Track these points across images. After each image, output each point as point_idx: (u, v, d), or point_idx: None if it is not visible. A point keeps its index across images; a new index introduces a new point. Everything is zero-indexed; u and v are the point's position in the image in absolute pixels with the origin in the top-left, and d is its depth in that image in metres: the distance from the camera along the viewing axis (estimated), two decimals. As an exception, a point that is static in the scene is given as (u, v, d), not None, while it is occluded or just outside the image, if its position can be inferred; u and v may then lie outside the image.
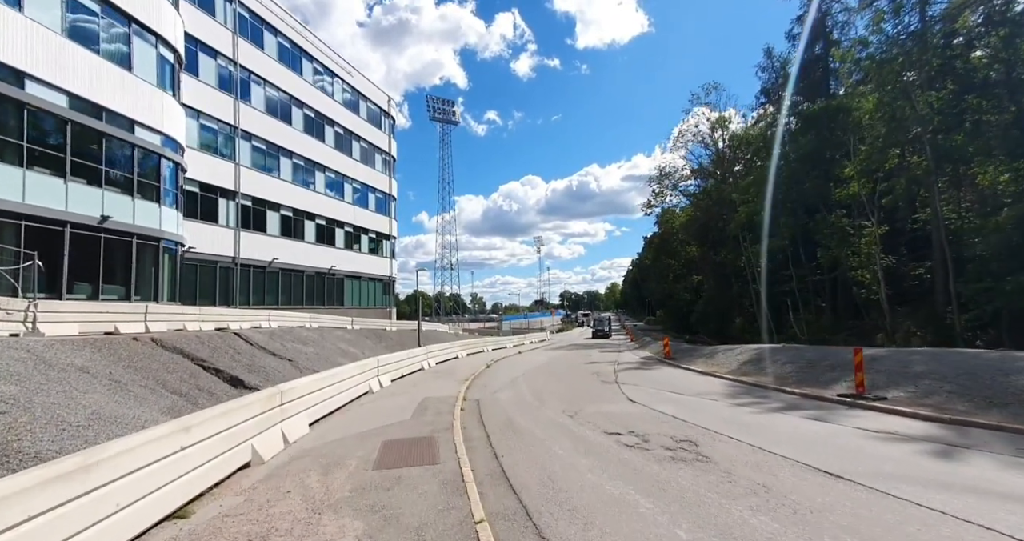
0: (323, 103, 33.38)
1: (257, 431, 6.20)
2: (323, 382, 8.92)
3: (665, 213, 58.87)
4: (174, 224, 20.18)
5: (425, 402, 10.52)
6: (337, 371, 9.91)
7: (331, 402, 9.28)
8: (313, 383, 8.50)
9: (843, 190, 27.49)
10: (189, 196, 24.44)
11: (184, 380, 11.82)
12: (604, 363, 19.76)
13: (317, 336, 23.74)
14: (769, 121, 33.69)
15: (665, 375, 14.71)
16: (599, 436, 7.13)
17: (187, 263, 24.15)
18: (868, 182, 24.57)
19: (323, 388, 8.85)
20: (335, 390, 9.50)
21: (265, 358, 17.01)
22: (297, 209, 31.18)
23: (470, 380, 14.82)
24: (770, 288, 32.30)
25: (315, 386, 8.53)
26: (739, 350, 16.53)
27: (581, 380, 14.20)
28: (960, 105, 20.97)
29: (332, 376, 9.46)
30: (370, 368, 12.42)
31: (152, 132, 18.81)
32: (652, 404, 9.62)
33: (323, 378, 9.00)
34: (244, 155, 27.62)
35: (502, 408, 9.97)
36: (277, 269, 29.55)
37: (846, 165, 27.92)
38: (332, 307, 33.40)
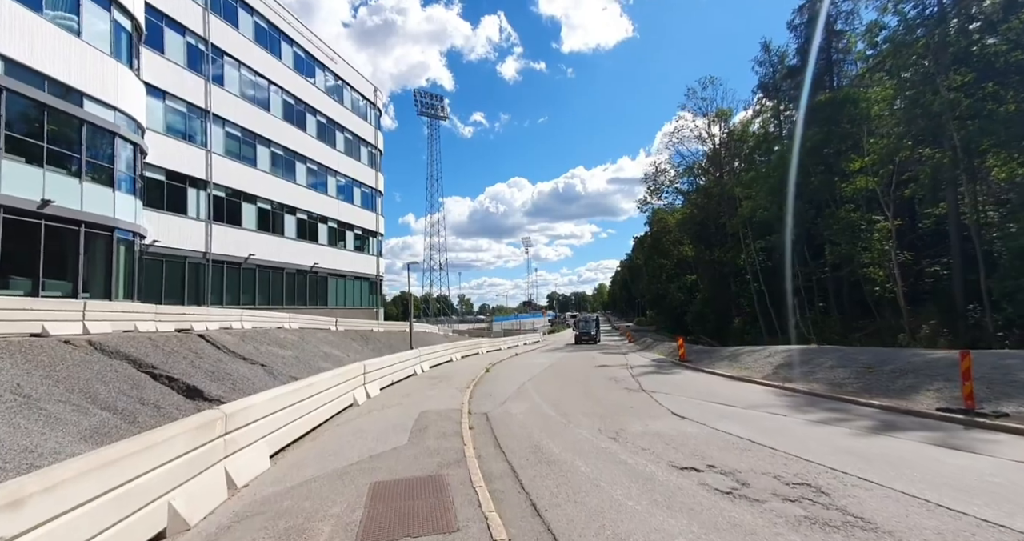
0: (304, 90, 30.98)
1: (182, 479, 4.06)
2: (292, 396, 6.77)
3: (656, 213, 57.62)
4: (131, 212, 17.69)
5: (423, 418, 8.42)
6: (313, 381, 7.75)
7: (304, 422, 7.12)
8: (277, 400, 6.34)
9: (851, 184, 26.10)
10: (153, 184, 21.93)
11: (123, 392, 9.52)
12: (615, 366, 17.82)
13: (297, 338, 21.40)
14: (771, 114, 32.28)
15: (693, 381, 12.80)
16: (670, 474, 5.13)
17: (151, 258, 21.63)
18: (885, 174, 23.11)
19: (292, 405, 6.68)
20: (310, 405, 7.35)
21: (233, 363, 14.70)
22: (276, 202, 28.71)
23: (471, 387, 12.73)
24: (772, 286, 30.84)
25: (280, 403, 6.38)
26: (766, 352, 14.75)
27: (600, 387, 12.21)
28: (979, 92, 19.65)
29: (307, 387, 7.31)
30: (355, 375, 10.27)
31: (104, 107, 16.36)
32: (708, 420, 7.66)
33: (293, 391, 6.84)
34: (217, 142, 25.13)
35: (520, 426, 7.91)
36: (254, 266, 27.06)
37: (854, 158, 26.61)
38: (315, 307, 30.94)
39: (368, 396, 10.87)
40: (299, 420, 6.92)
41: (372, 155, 38.55)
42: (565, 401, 10.14)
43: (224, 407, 5.15)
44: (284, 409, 6.44)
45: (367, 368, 11.11)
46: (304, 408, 7.09)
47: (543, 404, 9.92)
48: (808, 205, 27.68)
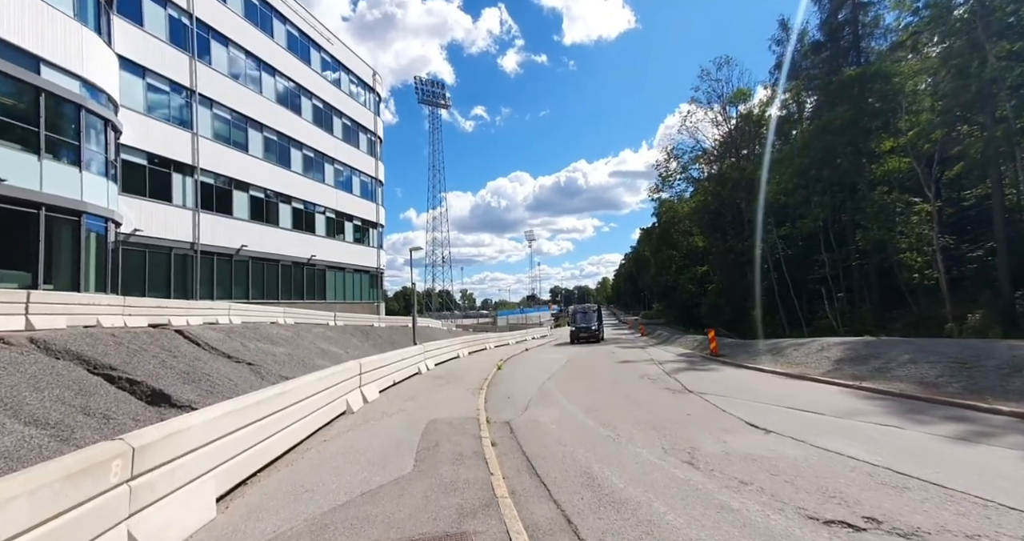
0: (298, 71, 29.03)
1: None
2: (255, 411, 4.95)
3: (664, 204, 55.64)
4: (103, 196, 15.88)
5: (432, 430, 6.64)
6: (290, 387, 5.93)
7: (275, 443, 5.33)
8: (229, 418, 4.52)
9: (882, 165, 24.19)
10: (133, 168, 20.10)
11: (63, 401, 7.75)
12: (640, 362, 16.02)
13: (291, 334, 19.64)
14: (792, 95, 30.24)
15: (741, 380, 10.97)
16: (816, 535, 3.35)
17: (132, 248, 19.84)
18: (927, 151, 21.20)
19: (255, 423, 4.87)
20: (284, 419, 5.54)
21: (215, 362, 12.93)
22: (270, 190, 26.86)
23: (485, 388, 10.94)
24: (795, 275, 29.00)
25: (235, 422, 4.57)
26: (815, 345, 12.93)
27: (636, 388, 10.40)
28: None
29: (279, 397, 5.50)
30: (348, 376, 8.48)
31: (67, 76, 14.50)
32: (804, 436, 5.83)
33: (257, 404, 5.02)
34: (204, 124, 23.25)
35: (557, 441, 6.13)
36: (246, 258, 25.26)
37: (885, 137, 24.70)
38: (312, 301, 29.19)
39: (365, 401, 9.09)
40: (267, 441, 5.13)
41: (371, 142, 36.63)
42: (602, 406, 8.34)
43: (133, 436, 3.34)
44: (242, 429, 4.65)
45: (364, 367, 9.32)
46: (274, 424, 5.29)
47: (576, 410, 8.13)
48: (836, 188, 25.82)
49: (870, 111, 24.71)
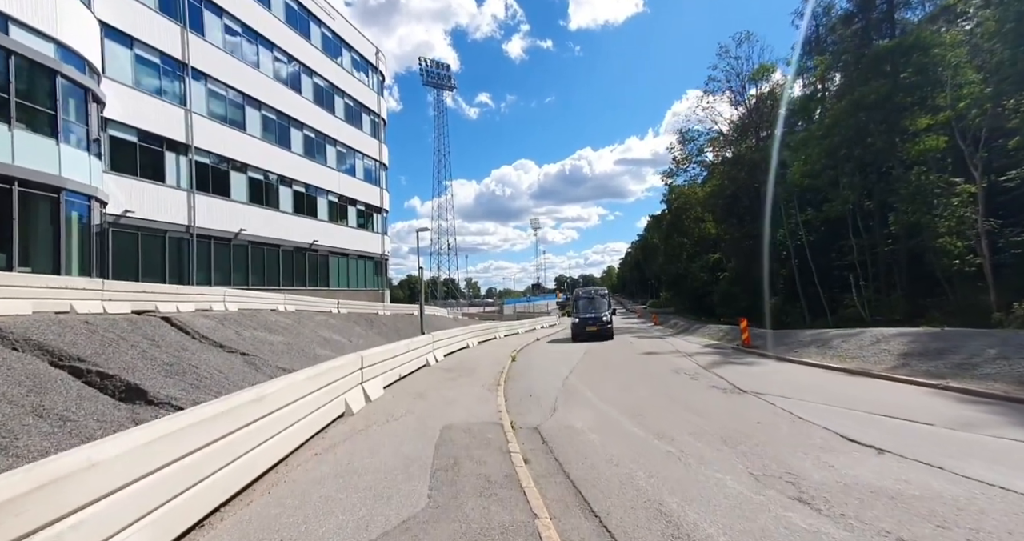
0: (298, 46, 27.42)
1: None
2: (206, 431, 3.56)
3: (674, 190, 53.79)
4: (85, 172, 14.55)
5: (448, 441, 5.35)
6: (267, 391, 4.55)
7: (242, 468, 3.98)
8: (163, 446, 3.15)
9: (918, 144, 22.43)
10: (123, 145, 18.79)
11: (9, 399, 6.50)
12: (666, 354, 14.69)
13: (292, 322, 18.44)
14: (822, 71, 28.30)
15: (796, 376, 9.49)
16: None
17: (123, 231, 18.61)
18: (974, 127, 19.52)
19: (205, 447, 3.50)
20: (253, 436, 4.04)
21: (204, 352, 11.71)
22: (269, 171, 25.48)
23: (502, 383, 9.64)
24: (819, 262, 27.46)
25: (172, 451, 3.21)
26: (868, 337, 11.53)
27: (676, 385, 9.04)
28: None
29: (252, 404, 4.09)
30: (348, 372, 7.18)
31: (40, 38, 13.08)
32: (933, 458, 4.40)
33: (209, 420, 3.63)
34: (198, 100, 21.82)
35: (607, 461, 4.81)
36: (245, 242, 24.00)
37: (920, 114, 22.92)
38: (315, 288, 27.98)
39: (368, 399, 7.81)
40: (233, 465, 3.81)
41: (375, 124, 35.06)
42: (645, 408, 7.02)
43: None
44: (196, 453, 3.34)
45: (366, 361, 8.02)
46: (245, 442, 3.97)
47: (615, 413, 6.82)
48: (869, 168, 24.12)
49: (907, 85, 22.91)
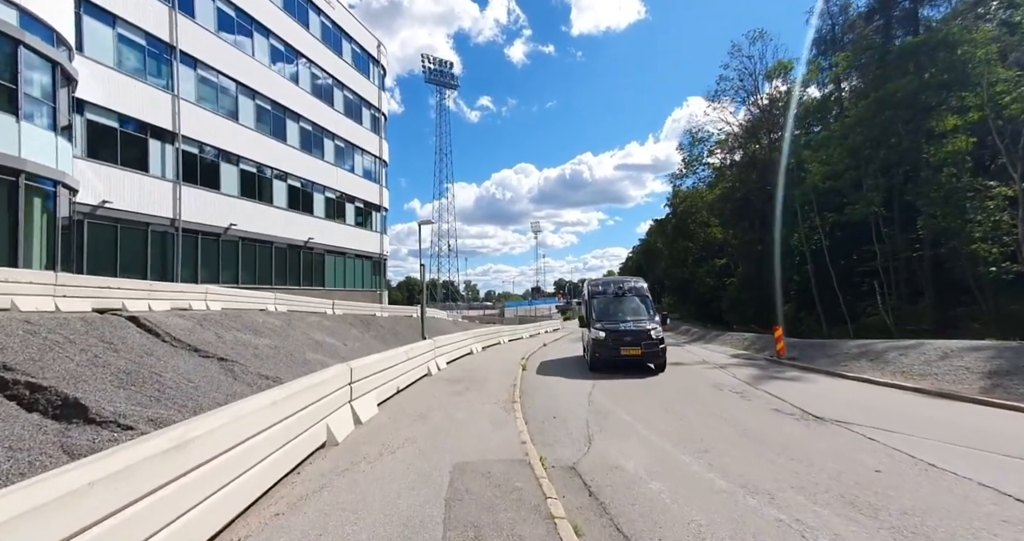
0: (295, 34, 26.01)
1: None
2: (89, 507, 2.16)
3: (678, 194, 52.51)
4: (51, 155, 13.04)
5: (462, 495, 3.87)
6: (193, 432, 2.89)
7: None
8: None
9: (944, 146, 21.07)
10: (101, 131, 17.32)
11: None
12: (694, 365, 13.19)
13: (281, 323, 16.91)
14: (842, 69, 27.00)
15: (867, 397, 7.81)
16: None
17: (100, 222, 17.11)
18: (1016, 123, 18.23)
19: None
20: (151, 515, 2.60)
21: (173, 358, 10.16)
22: (262, 164, 23.99)
23: (517, 400, 8.14)
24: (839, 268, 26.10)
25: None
26: (933, 351, 10.06)
27: (728, 407, 7.53)
28: None
29: (168, 454, 2.64)
30: (332, 390, 5.68)
31: (1, 2, 11.65)
32: None
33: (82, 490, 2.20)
34: (186, 86, 20.36)
35: (697, 536, 3.35)
36: (235, 238, 22.48)
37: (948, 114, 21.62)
38: (309, 288, 26.46)
39: (357, 421, 6.32)
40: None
41: (375, 119, 33.64)
42: (703, 438, 5.55)
43: None
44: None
45: (356, 373, 6.52)
46: (142, 522, 2.48)
47: (668, 446, 5.35)
48: (894, 169, 22.81)
49: (935, 84, 21.64)
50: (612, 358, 11.42)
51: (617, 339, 11.43)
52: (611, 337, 11.47)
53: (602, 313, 12.88)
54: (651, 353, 11.32)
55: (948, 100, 21.57)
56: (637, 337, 11.45)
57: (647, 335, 11.44)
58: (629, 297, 13.36)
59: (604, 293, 13.65)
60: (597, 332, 11.79)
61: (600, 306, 13.18)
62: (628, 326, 11.88)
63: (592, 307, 13.18)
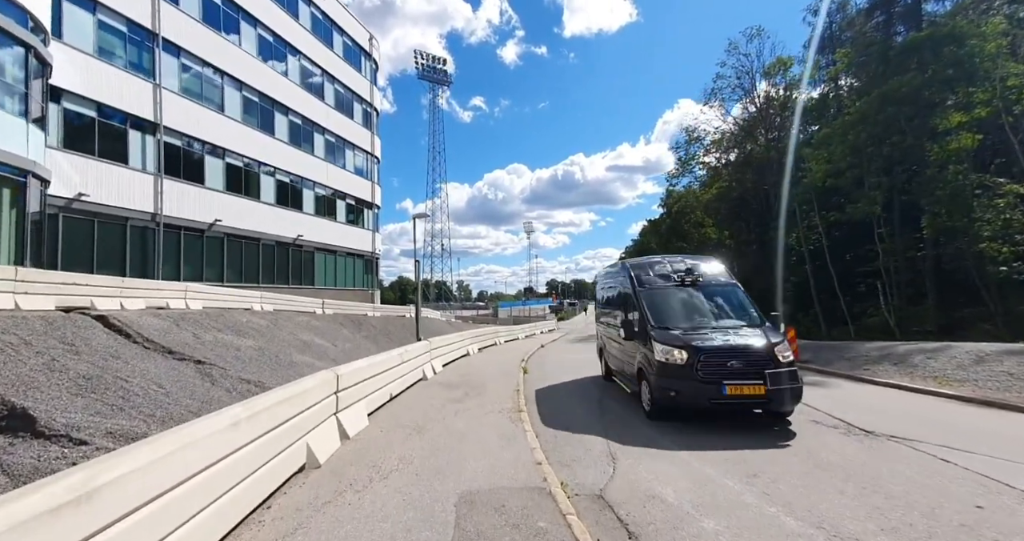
0: (284, 25, 24.99)
1: None
2: None
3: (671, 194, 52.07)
4: (21, 143, 12.03)
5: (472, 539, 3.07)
6: (92, 479, 1.90)
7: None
8: None
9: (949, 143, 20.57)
10: (78, 120, 16.35)
11: None
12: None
13: (267, 323, 15.97)
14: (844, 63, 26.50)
15: (906, 405, 6.88)
16: None
17: (75, 217, 16.09)
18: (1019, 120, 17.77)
19: None
20: None
21: (144, 361, 9.23)
22: (249, 158, 22.97)
23: (523, 408, 7.35)
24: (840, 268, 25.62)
25: None
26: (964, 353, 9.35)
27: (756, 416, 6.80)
28: None
29: (60, 511, 1.89)
30: (313, 402, 4.84)
31: (-42, -27, 10.64)
32: None
33: None
34: (169, 76, 19.32)
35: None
36: (221, 234, 21.44)
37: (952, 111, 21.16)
38: (298, 287, 25.46)
39: (344, 436, 5.47)
40: None
41: (367, 114, 32.67)
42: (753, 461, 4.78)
43: None
44: None
45: (344, 380, 5.68)
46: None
47: (708, 468, 4.58)
48: (897, 167, 22.33)
49: (940, 79, 21.15)
50: (705, 399, 6.22)
51: (715, 364, 6.29)
52: (701, 360, 6.31)
53: (664, 314, 7.45)
54: (780, 392, 6.09)
55: (954, 96, 21.14)
56: (752, 360, 6.26)
57: (770, 357, 6.28)
58: (708, 288, 7.99)
59: (660, 280, 8.14)
60: (666, 349, 6.56)
61: (658, 302, 7.69)
62: (731, 340, 6.66)
63: (642, 304, 7.64)
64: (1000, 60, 19.58)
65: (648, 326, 7.18)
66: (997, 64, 19.66)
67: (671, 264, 8.75)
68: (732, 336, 6.75)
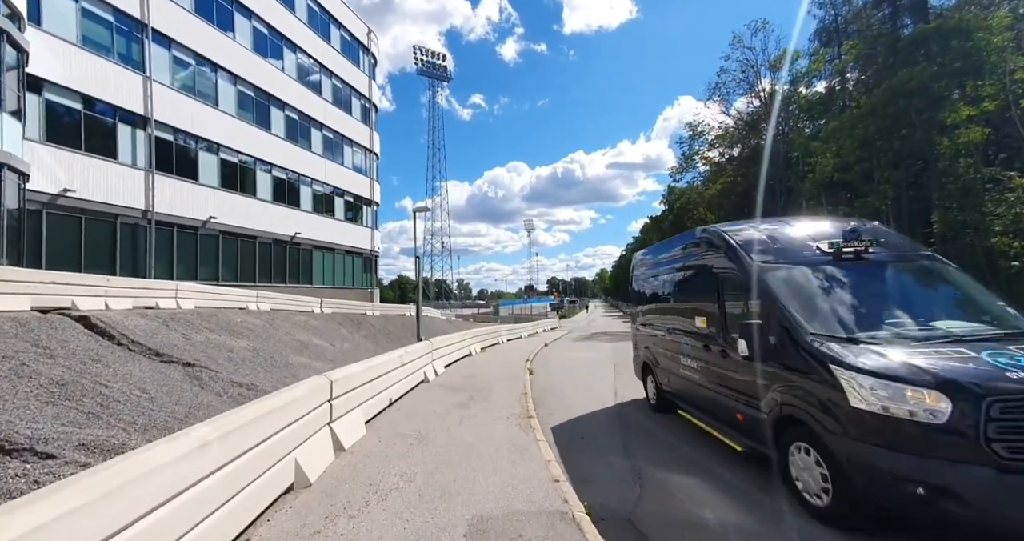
0: (280, 17, 24.33)
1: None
2: None
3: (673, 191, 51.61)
4: (-3, 133, 11.46)
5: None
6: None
7: None
8: None
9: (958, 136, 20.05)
10: (63, 113, 15.73)
11: None
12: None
13: (263, 323, 15.42)
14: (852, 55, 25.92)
15: None
16: None
17: (60, 214, 15.49)
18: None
19: None
20: None
21: (127, 364, 8.66)
22: (245, 154, 22.36)
23: (533, 414, 6.81)
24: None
25: None
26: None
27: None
28: None
29: None
30: (304, 412, 4.28)
31: (-72, -47, 10.03)
32: None
33: None
34: (160, 68, 18.69)
35: None
36: (215, 232, 20.85)
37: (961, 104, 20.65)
38: (296, 285, 24.88)
39: (339, 447, 4.92)
40: None
41: (365, 109, 32.04)
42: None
43: None
44: None
45: (338, 387, 5.12)
46: None
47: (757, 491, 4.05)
48: (907, 161, 21.82)
49: (949, 72, 20.64)
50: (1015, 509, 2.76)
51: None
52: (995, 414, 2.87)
53: (832, 313, 4.11)
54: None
55: (962, 89, 20.66)
56: None
57: None
58: (891, 265, 4.70)
59: (794, 253, 4.80)
60: (887, 388, 3.17)
61: (810, 291, 4.35)
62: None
63: (776, 294, 4.27)
64: (1007, 53, 19.13)
65: (806, 337, 3.76)
66: (1004, 57, 19.22)
67: (802, 227, 5.21)
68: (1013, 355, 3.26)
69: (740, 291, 4.69)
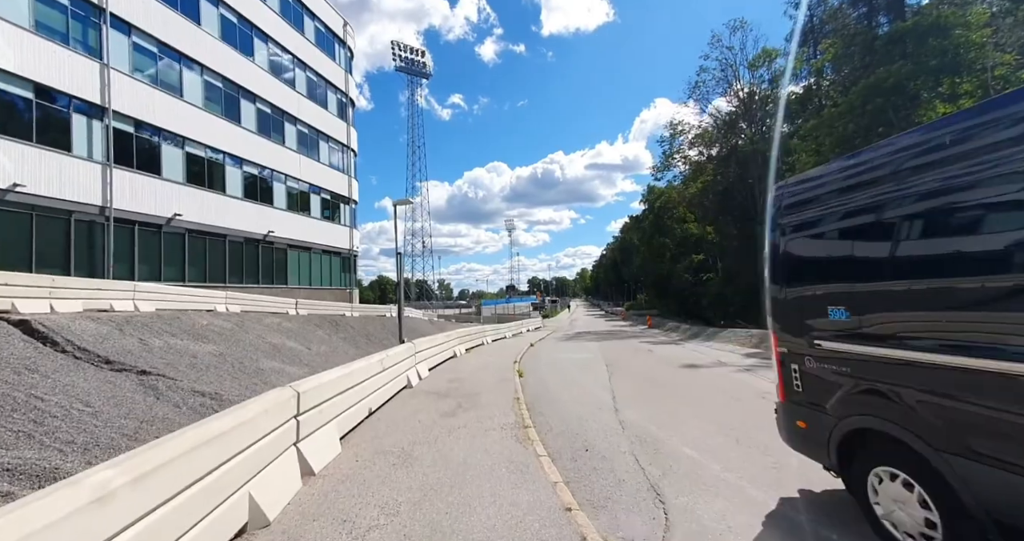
0: (248, 5, 22.98)
1: None
2: None
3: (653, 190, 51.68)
4: (-77, 118, 10.20)
5: None
6: None
7: None
8: None
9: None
10: (11, 101, 14.49)
11: None
12: (711, 367, 11.45)
13: (232, 326, 14.35)
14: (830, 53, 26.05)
15: None
16: None
17: (9, 210, 14.17)
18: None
19: None
20: None
21: (71, 374, 7.67)
22: (213, 147, 21.09)
23: (530, 424, 6.14)
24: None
25: None
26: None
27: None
28: None
29: None
30: (261, 433, 3.52)
31: None
32: None
33: None
34: (119, 55, 17.38)
35: None
36: (181, 230, 19.56)
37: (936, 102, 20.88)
38: (270, 286, 23.67)
39: (308, 472, 4.16)
40: None
41: (342, 104, 30.86)
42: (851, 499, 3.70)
43: None
44: None
45: (306, 400, 4.35)
46: None
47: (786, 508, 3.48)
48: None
49: (926, 69, 20.79)
50: None
51: None
52: None
53: None
54: None
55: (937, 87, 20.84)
56: None
57: None
58: None
59: None
60: None
61: None
62: None
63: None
64: (987, 50, 19.33)
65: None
66: (984, 53, 19.42)
67: None
68: None
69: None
